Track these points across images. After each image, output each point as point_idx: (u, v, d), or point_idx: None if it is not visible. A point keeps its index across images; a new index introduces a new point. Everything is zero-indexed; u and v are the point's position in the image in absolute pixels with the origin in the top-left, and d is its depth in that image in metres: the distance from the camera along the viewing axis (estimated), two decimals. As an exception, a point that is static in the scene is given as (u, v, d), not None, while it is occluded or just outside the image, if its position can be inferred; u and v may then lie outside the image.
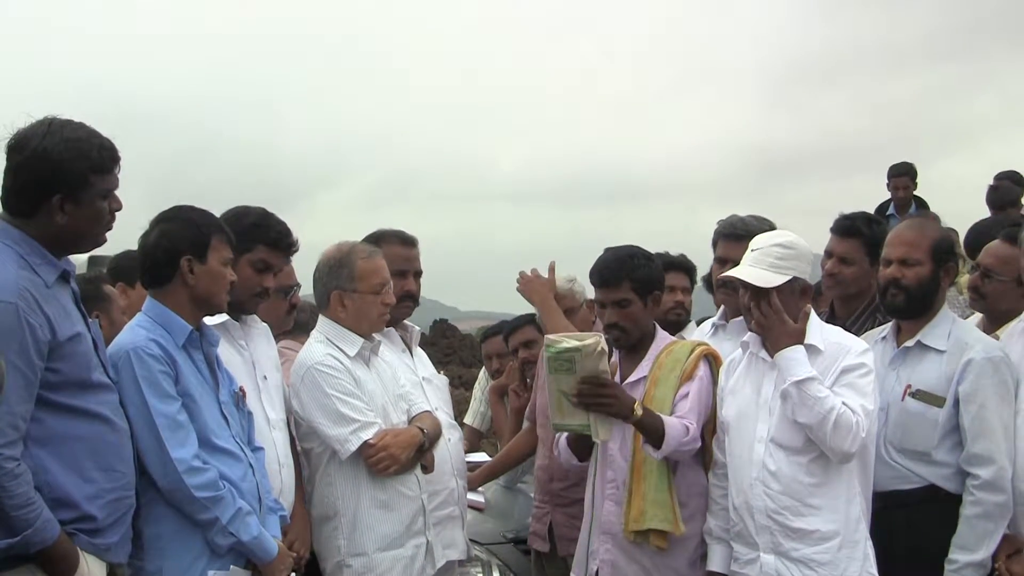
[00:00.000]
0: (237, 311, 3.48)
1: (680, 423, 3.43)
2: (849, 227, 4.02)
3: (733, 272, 3.40)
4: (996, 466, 3.28)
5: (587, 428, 3.34)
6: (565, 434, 3.71)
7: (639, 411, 3.33)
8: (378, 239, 4.04)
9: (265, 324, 3.67)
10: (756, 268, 3.34)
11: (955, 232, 7.44)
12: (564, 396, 3.32)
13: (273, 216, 3.58)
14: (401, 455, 3.54)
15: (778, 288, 3.31)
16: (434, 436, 3.71)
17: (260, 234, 3.48)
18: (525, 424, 4.83)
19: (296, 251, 3.68)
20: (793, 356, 3.25)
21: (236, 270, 3.24)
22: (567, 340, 3.27)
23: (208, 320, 3.24)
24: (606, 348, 3.30)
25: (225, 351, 3.36)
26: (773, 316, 3.29)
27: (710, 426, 3.58)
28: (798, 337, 3.29)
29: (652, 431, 3.38)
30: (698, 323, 4.77)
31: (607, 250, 3.74)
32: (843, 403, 3.15)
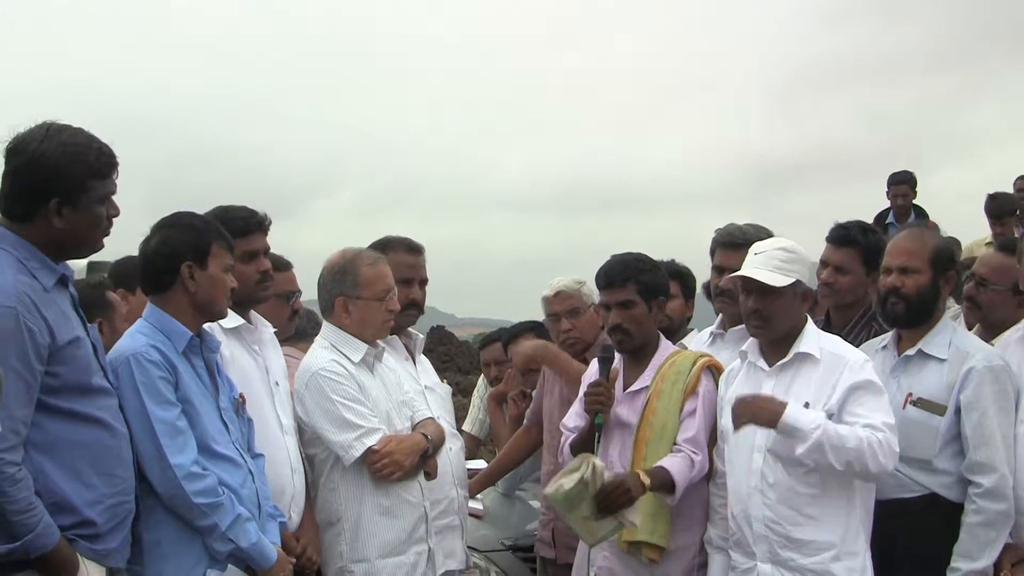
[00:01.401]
0: (247, 306, 3.48)
1: (685, 459, 3.47)
2: (845, 236, 4.00)
3: (740, 272, 3.37)
4: (998, 474, 3.28)
5: (620, 527, 3.40)
6: (570, 439, 3.74)
7: (647, 481, 3.38)
8: (384, 246, 4.03)
9: (271, 332, 3.67)
10: (762, 270, 3.32)
11: (956, 241, 7.45)
12: (588, 519, 3.35)
13: (231, 207, 3.57)
14: (405, 461, 3.53)
15: (781, 291, 3.29)
16: (438, 443, 3.70)
17: (228, 229, 3.38)
18: (523, 425, 4.80)
19: (270, 224, 3.64)
20: (794, 418, 3.11)
21: None
22: (564, 479, 3.30)
23: (224, 323, 3.24)
24: (599, 463, 3.33)
25: (240, 356, 3.37)
26: (748, 405, 3.21)
27: (712, 436, 3.58)
28: (777, 404, 3.17)
29: (664, 487, 3.43)
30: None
31: (614, 255, 3.75)
32: (866, 425, 3.10)
